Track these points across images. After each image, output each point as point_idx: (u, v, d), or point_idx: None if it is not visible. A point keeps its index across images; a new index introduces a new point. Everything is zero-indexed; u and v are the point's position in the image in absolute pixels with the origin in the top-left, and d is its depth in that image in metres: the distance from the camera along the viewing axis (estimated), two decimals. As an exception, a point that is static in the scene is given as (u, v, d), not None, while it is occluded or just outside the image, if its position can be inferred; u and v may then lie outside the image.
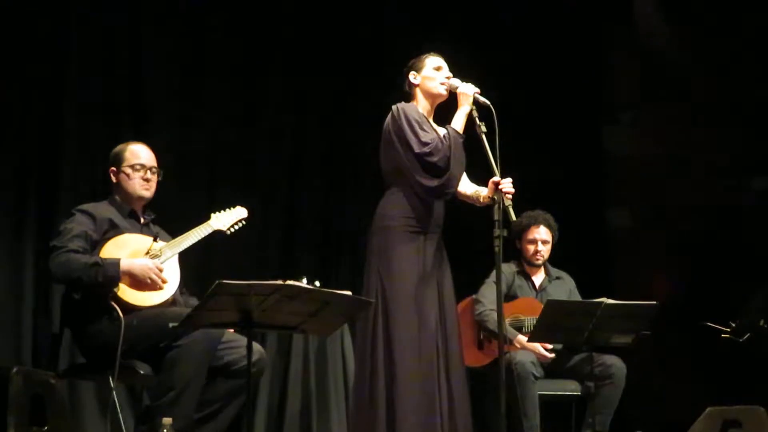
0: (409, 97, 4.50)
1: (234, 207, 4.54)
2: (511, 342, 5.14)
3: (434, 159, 4.25)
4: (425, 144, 4.26)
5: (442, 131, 4.40)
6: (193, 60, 5.97)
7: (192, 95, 5.94)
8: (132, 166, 4.34)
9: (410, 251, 4.29)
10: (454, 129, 4.29)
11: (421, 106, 4.47)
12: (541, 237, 5.47)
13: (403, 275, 4.26)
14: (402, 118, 4.33)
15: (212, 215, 4.47)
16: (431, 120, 4.49)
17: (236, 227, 4.51)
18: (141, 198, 4.37)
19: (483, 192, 4.31)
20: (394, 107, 4.39)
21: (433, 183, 4.26)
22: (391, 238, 4.31)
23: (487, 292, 5.24)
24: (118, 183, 4.36)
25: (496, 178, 4.14)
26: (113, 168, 4.37)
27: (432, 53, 4.48)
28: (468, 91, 4.30)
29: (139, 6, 5.77)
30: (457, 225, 4.62)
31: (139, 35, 5.77)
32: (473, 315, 5.30)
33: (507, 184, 4.14)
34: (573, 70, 6.77)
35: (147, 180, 4.36)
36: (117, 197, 4.37)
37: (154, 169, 4.39)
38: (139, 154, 4.37)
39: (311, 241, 6.27)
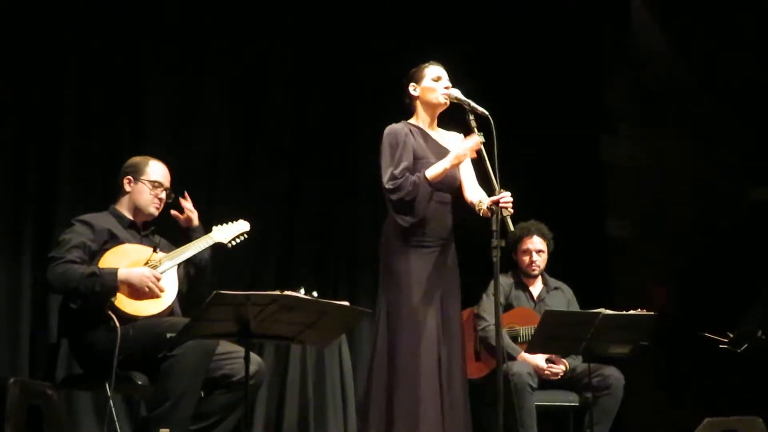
0: (410, 108, 4.51)
1: (236, 220, 4.53)
2: (514, 359, 5.13)
3: (394, 196, 4.27)
4: (393, 178, 4.27)
5: (449, 136, 4.44)
6: (192, 74, 5.97)
7: (191, 109, 5.94)
8: (151, 182, 4.35)
9: (410, 264, 4.31)
10: (425, 176, 4.27)
11: (421, 117, 4.49)
12: (535, 247, 5.45)
13: (403, 288, 4.29)
14: (384, 144, 4.35)
15: (214, 227, 4.46)
16: (431, 131, 4.50)
17: (237, 240, 4.50)
18: (150, 214, 4.38)
19: (485, 204, 4.26)
20: (386, 129, 4.40)
21: (406, 222, 4.29)
22: (393, 252, 4.35)
23: (489, 307, 5.21)
24: (131, 193, 4.36)
25: (495, 197, 4.12)
26: (130, 177, 4.35)
27: (431, 63, 4.48)
28: (466, 147, 4.26)
29: (138, 19, 5.77)
30: (456, 235, 4.61)
31: (139, 49, 5.78)
32: (475, 330, 5.29)
33: (506, 198, 4.12)
34: (571, 80, 6.77)
35: (160, 199, 4.37)
36: (122, 205, 4.36)
37: (168, 191, 4.40)
38: (159, 171, 4.39)
39: (309, 253, 6.26)
